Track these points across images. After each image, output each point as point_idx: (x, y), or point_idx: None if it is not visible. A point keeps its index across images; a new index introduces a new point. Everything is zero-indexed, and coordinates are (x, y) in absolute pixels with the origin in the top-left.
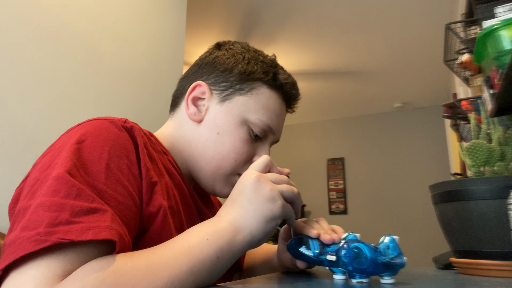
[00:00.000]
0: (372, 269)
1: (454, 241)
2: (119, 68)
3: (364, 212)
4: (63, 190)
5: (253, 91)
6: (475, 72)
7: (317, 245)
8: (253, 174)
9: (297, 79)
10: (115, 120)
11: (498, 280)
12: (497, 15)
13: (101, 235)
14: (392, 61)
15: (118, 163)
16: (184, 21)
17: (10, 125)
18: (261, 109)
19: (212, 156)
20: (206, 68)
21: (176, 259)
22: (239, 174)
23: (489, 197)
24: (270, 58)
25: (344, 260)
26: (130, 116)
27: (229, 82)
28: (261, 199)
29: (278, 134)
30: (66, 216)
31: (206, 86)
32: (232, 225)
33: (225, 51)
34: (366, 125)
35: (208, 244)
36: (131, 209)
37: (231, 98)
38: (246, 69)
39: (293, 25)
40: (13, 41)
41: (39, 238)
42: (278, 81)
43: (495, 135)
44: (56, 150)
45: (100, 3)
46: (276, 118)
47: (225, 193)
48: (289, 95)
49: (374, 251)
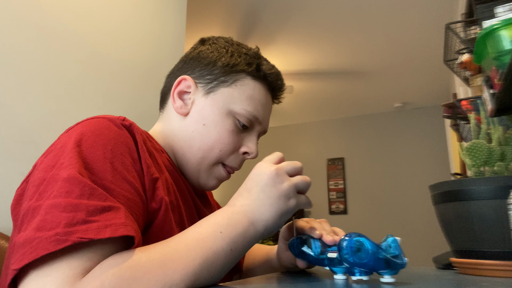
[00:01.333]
0: (372, 263)
1: (454, 241)
2: (119, 68)
3: (364, 212)
4: (76, 191)
5: (237, 83)
6: (475, 72)
7: (319, 245)
8: (271, 167)
9: (297, 79)
10: (114, 119)
11: (498, 280)
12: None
13: (118, 232)
14: (392, 61)
15: (122, 161)
16: (184, 21)
17: (10, 125)
18: (246, 99)
19: (199, 147)
20: (191, 63)
21: (190, 252)
22: (223, 164)
23: (489, 197)
24: (253, 51)
25: (345, 251)
26: (131, 116)
27: (213, 75)
28: (278, 193)
29: (265, 125)
30: (82, 215)
31: (191, 79)
32: (247, 216)
33: (209, 45)
34: (366, 125)
35: (222, 237)
36: (138, 205)
37: (216, 90)
38: (229, 61)
39: (293, 25)
40: (13, 41)
41: (59, 238)
42: (262, 72)
43: (495, 135)
44: (58, 150)
45: (100, 4)
46: (262, 108)
47: (210, 185)
48: (273, 86)
49: (376, 246)
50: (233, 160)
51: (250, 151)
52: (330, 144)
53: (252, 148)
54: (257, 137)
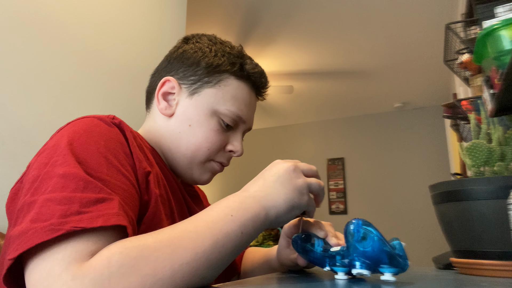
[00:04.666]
0: (376, 253)
1: (454, 241)
2: (119, 68)
3: (364, 212)
4: (71, 185)
5: (221, 83)
6: (475, 72)
7: (322, 243)
8: (289, 162)
9: (298, 79)
10: (103, 117)
11: (498, 280)
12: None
13: (110, 221)
14: (392, 61)
15: (116, 155)
16: (184, 21)
17: (10, 125)
18: (230, 99)
19: (187, 147)
20: (175, 63)
21: (199, 233)
22: (214, 160)
23: (489, 197)
24: (237, 49)
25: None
26: (130, 116)
27: (197, 76)
28: (293, 187)
29: (249, 123)
30: (76, 207)
31: (175, 81)
32: (260, 202)
33: (192, 44)
34: (366, 125)
35: (233, 220)
36: (134, 197)
37: (199, 91)
38: (212, 62)
39: (293, 25)
40: (13, 41)
41: (53, 228)
42: (245, 71)
43: (495, 135)
44: (50, 148)
45: (100, 4)
46: (246, 107)
47: (204, 179)
48: (257, 84)
49: (382, 237)
50: (221, 157)
51: (235, 149)
52: (330, 144)
53: (237, 147)
54: (242, 135)
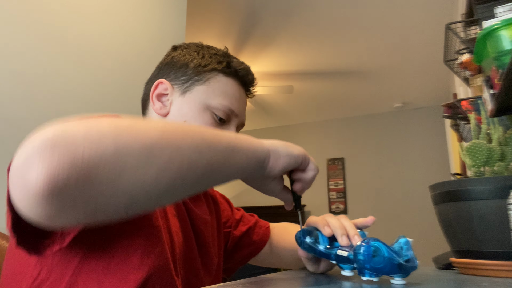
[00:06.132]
0: (387, 269)
1: (454, 241)
2: (119, 68)
3: (364, 212)
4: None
5: (211, 80)
6: (475, 72)
7: (326, 239)
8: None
9: (298, 79)
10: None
11: (498, 280)
12: (497, 15)
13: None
14: (392, 61)
15: None
16: (184, 21)
17: (10, 125)
18: (220, 94)
19: None
20: (165, 68)
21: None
22: None
23: (489, 197)
24: (222, 51)
25: (361, 258)
26: None
27: (187, 76)
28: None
29: (241, 117)
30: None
31: (167, 82)
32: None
33: (180, 50)
34: (366, 125)
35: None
36: None
37: (191, 89)
38: (201, 62)
39: (293, 25)
40: (13, 40)
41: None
42: (232, 68)
43: (495, 135)
44: None
45: (100, 4)
46: (236, 101)
47: None
48: (245, 80)
49: (391, 252)
50: None
51: None
52: (330, 144)
53: None
54: (236, 129)
